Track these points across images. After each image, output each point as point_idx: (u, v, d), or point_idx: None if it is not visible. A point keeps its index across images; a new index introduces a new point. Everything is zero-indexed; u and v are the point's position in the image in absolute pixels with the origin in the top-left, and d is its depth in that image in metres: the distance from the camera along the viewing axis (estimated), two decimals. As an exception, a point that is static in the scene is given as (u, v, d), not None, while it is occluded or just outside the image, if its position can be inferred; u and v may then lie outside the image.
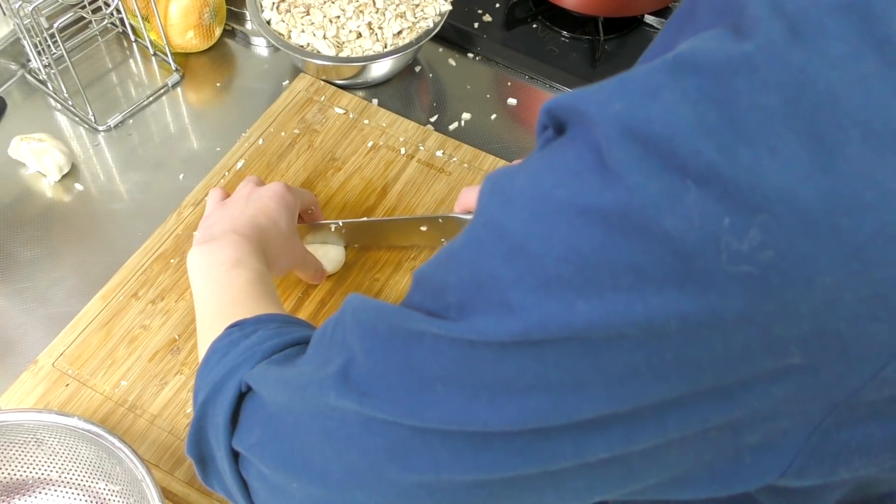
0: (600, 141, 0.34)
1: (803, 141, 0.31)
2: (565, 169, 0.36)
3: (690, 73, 0.33)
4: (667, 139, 0.32)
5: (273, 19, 0.95)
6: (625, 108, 0.34)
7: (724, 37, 0.33)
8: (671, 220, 0.32)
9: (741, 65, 0.32)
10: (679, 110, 0.32)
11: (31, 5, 0.87)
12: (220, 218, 0.70)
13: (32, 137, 0.89)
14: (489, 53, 1.02)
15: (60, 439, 0.66)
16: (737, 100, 0.32)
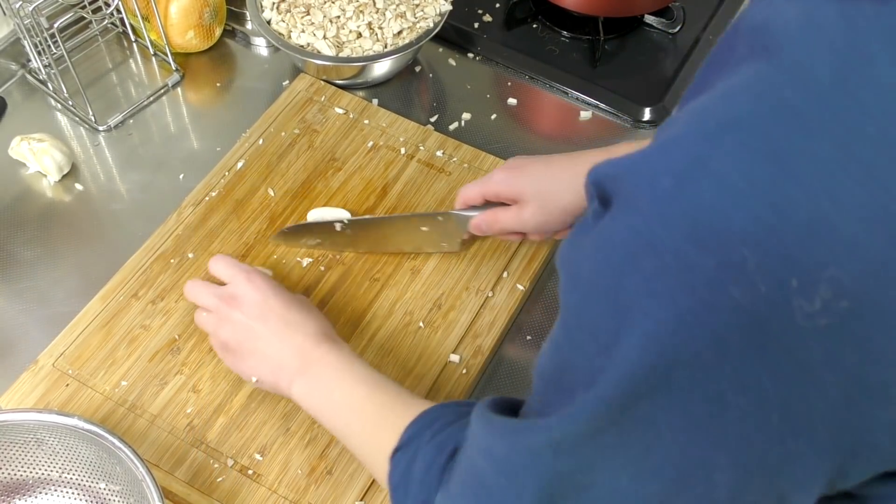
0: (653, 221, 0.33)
1: (863, 184, 0.30)
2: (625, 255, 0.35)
3: (735, 133, 0.32)
4: (719, 211, 0.32)
5: (273, 19, 0.95)
6: (674, 185, 0.33)
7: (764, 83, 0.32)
8: (737, 290, 0.32)
9: (786, 115, 0.31)
10: (728, 178, 0.31)
11: (32, 5, 0.87)
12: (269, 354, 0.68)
13: (32, 137, 0.89)
14: (489, 53, 1.02)
15: (60, 439, 0.66)
16: (787, 150, 0.31)
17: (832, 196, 0.30)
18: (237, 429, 0.73)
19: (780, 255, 0.31)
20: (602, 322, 0.37)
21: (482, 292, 0.80)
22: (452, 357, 0.77)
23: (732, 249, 0.32)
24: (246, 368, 0.69)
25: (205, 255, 0.82)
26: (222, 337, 0.70)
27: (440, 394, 0.75)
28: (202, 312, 0.72)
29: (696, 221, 0.32)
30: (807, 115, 0.31)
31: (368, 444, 0.61)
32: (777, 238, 0.31)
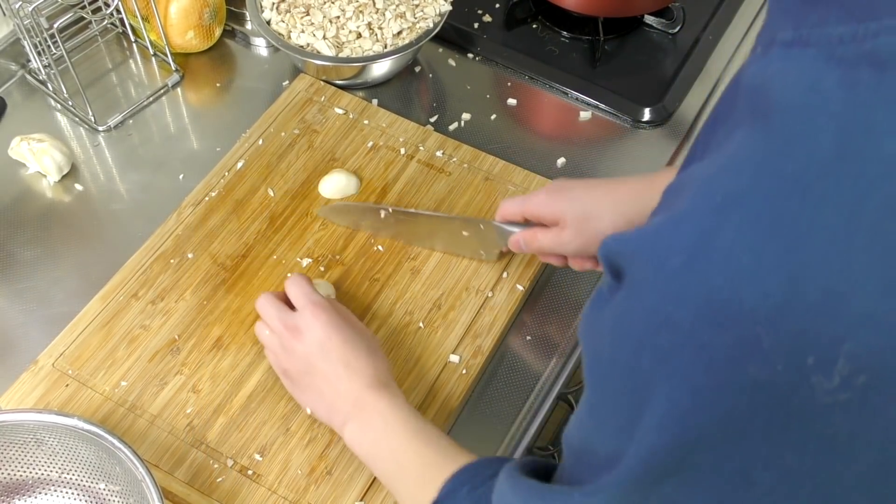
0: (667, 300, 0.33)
1: (873, 256, 0.30)
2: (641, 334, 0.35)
3: (742, 207, 0.32)
4: (730, 289, 0.31)
5: (273, 19, 0.95)
6: (684, 263, 0.33)
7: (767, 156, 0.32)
8: (754, 368, 0.32)
9: (790, 189, 0.31)
10: (736, 255, 0.31)
11: (31, 5, 0.87)
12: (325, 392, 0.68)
13: (32, 138, 0.89)
14: (489, 54, 1.02)
15: (60, 439, 0.66)
16: (793, 225, 0.31)
17: (842, 269, 0.30)
18: (237, 429, 0.73)
19: (794, 333, 0.31)
20: (621, 401, 0.37)
21: (482, 292, 0.80)
22: (452, 357, 0.77)
23: (746, 327, 0.31)
24: (303, 399, 0.71)
25: (205, 256, 0.82)
26: (284, 364, 0.71)
27: (440, 394, 0.75)
28: (265, 329, 0.72)
29: (708, 300, 0.32)
30: (811, 187, 0.31)
31: (412, 497, 0.63)
32: (789, 315, 0.31)
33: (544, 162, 0.92)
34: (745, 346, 0.31)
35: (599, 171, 0.92)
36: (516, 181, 0.88)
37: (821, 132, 0.31)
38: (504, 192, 0.87)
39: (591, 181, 0.74)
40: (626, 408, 0.37)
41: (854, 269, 0.30)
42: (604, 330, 0.38)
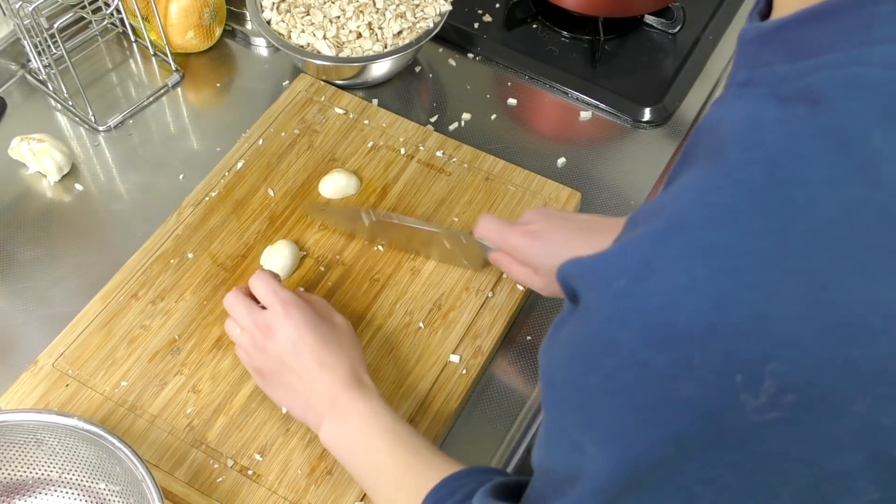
0: (611, 321, 0.35)
1: (798, 279, 0.31)
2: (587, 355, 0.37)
3: (679, 235, 0.34)
4: (664, 310, 0.33)
5: (273, 19, 0.95)
6: (625, 286, 0.35)
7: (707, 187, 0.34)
8: (687, 387, 0.33)
9: (723, 216, 0.33)
10: (672, 278, 0.33)
11: (32, 5, 0.87)
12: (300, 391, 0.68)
13: (32, 138, 0.89)
14: (489, 53, 1.02)
15: (60, 439, 0.66)
16: (725, 250, 0.32)
17: (769, 292, 0.31)
18: (237, 429, 0.73)
19: (723, 352, 0.32)
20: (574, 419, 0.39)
21: (482, 292, 0.80)
22: (452, 357, 0.77)
23: (680, 347, 0.33)
24: (277, 397, 0.70)
25: (205, 256, 0.82)
26: (256, 363, 0.70)
27: (440, 394, 0.75)
28: (236, 328, 0.71)
29: (646, 321, 0.34)
30: (742, 214, 0.32)
31: (388, 500, 0.63)
32: (719, 335, 0.32)
33: (544, 162, 0.92)
34: (679, 366, 0.33)
35: (599, 171, 0.92)
36: (516, 181, 0.88)
37: (754, 163, 0.33)
38: (504, 192, 0.87)
39: (573, 222, 0.73)
40: (577, 427, 0.39)
41: (779, 292, 0.31)
42: (558, 351, 0.40)
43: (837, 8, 0.35)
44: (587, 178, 0.91)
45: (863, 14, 0.34)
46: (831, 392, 0.32)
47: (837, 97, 0.32)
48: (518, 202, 0.86)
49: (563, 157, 0.93)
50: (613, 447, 0.36)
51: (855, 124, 0.32)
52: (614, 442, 0.36)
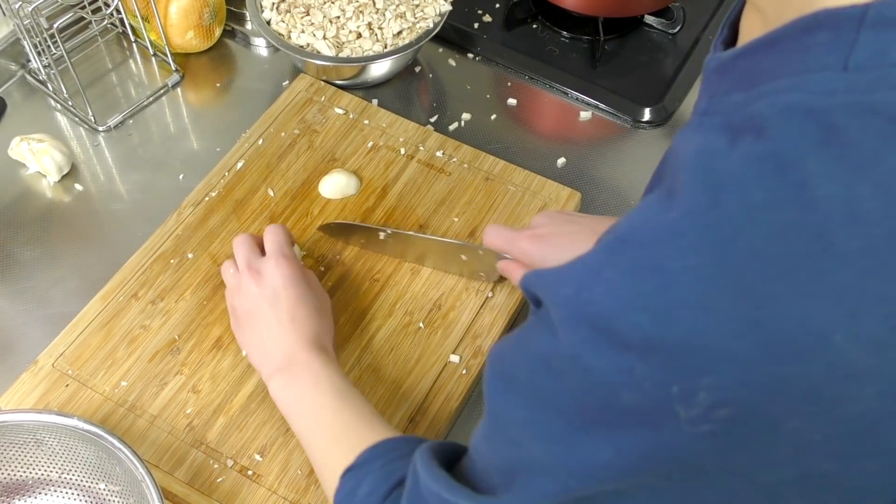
0: (557, 325, 0.37)
1: (734, 296, 0.32)
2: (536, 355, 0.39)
3: (626, 248, 0.35)
4: (608, 318, 0.34)
5: (273, 20, 0.95)
6: (573, 292, 0.36)
7: (657, 207, 0.36)
8: (627, 394, 0.34)
9: (668, 233, 0.34)
10: (616, 287, 0.35)
11: (31, 6, 0.87)
12: (265, 339, 0.70)
13: (32, 138, 0.89)
14: (489, 54, 1.02)
15: (60, 440, 0.66)
16: (668, 266, 0.34)
17: (706, 308, 0.33)
18: (237, 429, 0.73)
19: (661, 363, 0.33)
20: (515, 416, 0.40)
21: (482, 292, 0.80)
22: (452, 357, 0.77)
23: (622, 356, 0.34)
24: (241, 340, 0.74)
25: (204, 256, 0.82)
26: (234, 302, 0.74)
27: (440, 394, 0.75)
28: (230, 267, 0.76)
29: (592, 327, 0.35)
30: (686, 233, 0.34)
31: (325, 457, 0.64)
32: (658, 347, 0.33)
33: (544, 162, 0.92)
34: (620, 373, 0.34)
35: (599, 171, 0.92)
36: (516, 181, 0.88)
37: (700, 185, 0.34)
38: (504, 192, 0.87)
39: (581, 224, 0.73)
40: (520, 424, 0.40)
41: (715, 309, 0.32)
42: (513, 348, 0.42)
43: (781, 38, 0.36)
44: (587, 178, 0.91)
45: (801, 43, 0.35)
46: (764, 408, 0.33)
47: (776, 124, 0.34)
48: (518, 202, 0.86)
49: (563, 157, 0.93)
50: (557, 450, 0.38)
51: (791, 150, 0.33)
52: (558, 446, 0.38)
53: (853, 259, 0.32)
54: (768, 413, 0.33)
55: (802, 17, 0.36)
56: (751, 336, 0.32)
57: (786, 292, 0.32)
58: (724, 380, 0.32)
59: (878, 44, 0.33)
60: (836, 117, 0.33)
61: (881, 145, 0.32)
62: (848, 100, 0.33)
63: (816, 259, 0.32)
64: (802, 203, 0.32)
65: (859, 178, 0.32)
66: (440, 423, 0.73)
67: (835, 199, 0.32)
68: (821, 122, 0.33)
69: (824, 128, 0.33)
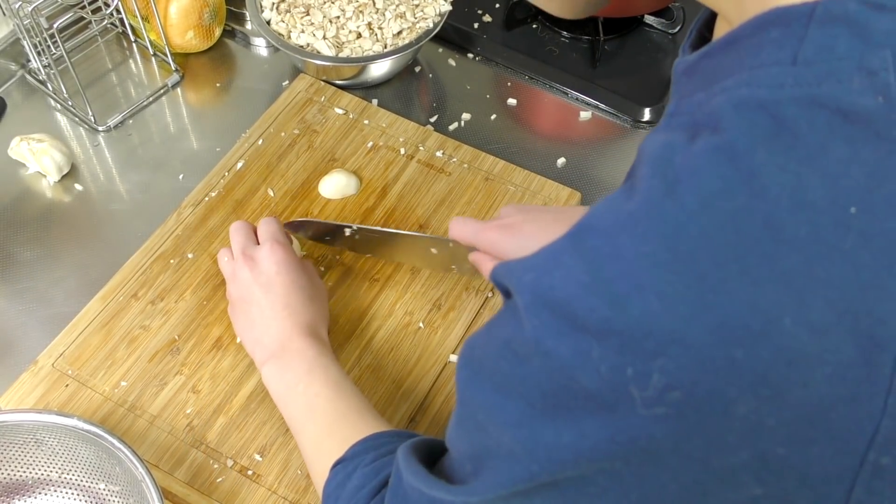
0: (521, 311, 0.38)
1: (686, 281, 0.33)
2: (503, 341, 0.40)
3: (587, 236, 0.37)
4: (567, 302, 0.35)
5: (273, 20, 0.95)
6: (534, 278, 0.37)
7: (619, 198, 0.37)
8: (585, 377, 0.35)
9: (626, 222, 0.35)
10: (575, 273, 0.36)
11: (31, 5, 0.87)
12: (258, 325, 0.71)
13: (32, 138, 0.89)
14: (489, 54, 1.02)
15: (60, 440, 0.66)
16: (625, 252, 0.35)
17: (659, 292, 0.34)
18: (237, 429, 0.73)
19: (617, 347, 0.34)
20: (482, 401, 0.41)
21: (482, 292, 0.80)
22: (452, 357, 0.77)
23: (580, 339, 0.35)
24: (236, 326, 0.74)
25: (204, 256, 0.82)
26: (230, 288, 0.75)
27: (440, 394, 0.75)
28: (225, 255, 0.76)
29: (552, 311, 0.36)
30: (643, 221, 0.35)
31: (316, 447, 0.64)
32: (613, 329, 0.34)
33: (544, 162, 0.92)
34: (579, 356, 0.35)
35: (599, 172, 0.92)
36: (516, 181, 0.88)
37: (658, 177, 0.35)
38: (504, 192, 0.87)
39: (547, 214, 0.72)
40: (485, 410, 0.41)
41: (668, 293, 0.33)
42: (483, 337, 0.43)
43: (739, 37, 0.38)
44: (587, 178, 0.91)
45: (755, 41, 0.37)
46: (716, 391, 0.33)
47: (729, 117, 0.35)
48: (518, 202, 0.86)
49: (563, 157, 0.93)
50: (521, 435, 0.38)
51: (743, 141, 0.34)
52: (522, 430, 0.38)
53: (801, 245, 0.33)
54: (720, 396, 0.33)
55: (757, 16, 0.37)
56: (702, 319, 0.33)
57: (736, 277, 0.33)
58: (676, 362, 0.33)
59: (825, 39, 0.35)
60: (786, 109, 0.34)
61: (828, 137, 0.33)
62: (796, 92, 0.34)
63: (765, 245, 0.33)
64: (753, 191, 0.33)
65: (807, 168, 0.33)
66: (440, 423, 0.73)
67: (784, 188, 0.33)
68: (771, 114, 0.34)
69: (774, 120, 0.34)
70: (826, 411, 0.33)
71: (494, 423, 0.40)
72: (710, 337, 0.33)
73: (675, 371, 0.33)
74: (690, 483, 0.36)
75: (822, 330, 0.33)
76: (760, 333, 0.33)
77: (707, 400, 0.33)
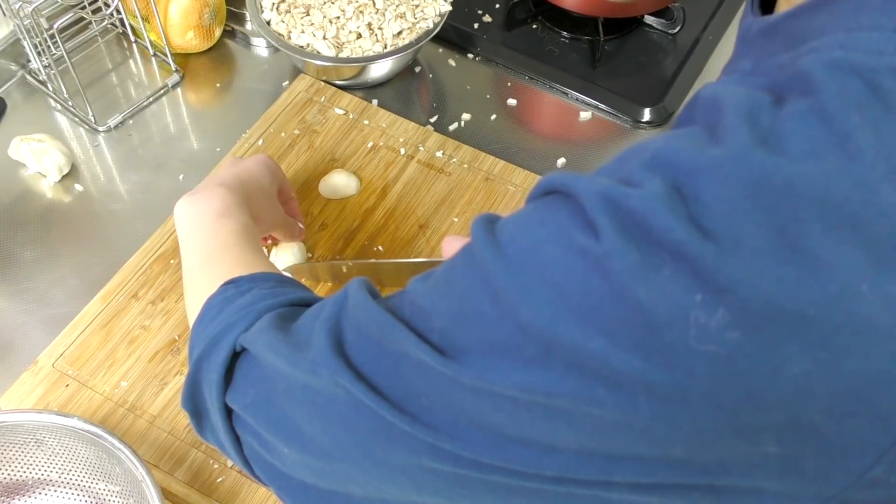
0: (587, 207, 0.36)
1: (765, 234, 0.32)
2: (555, 226, 0.37)
3: (665, 169, 0.35)
4: (643, 214, 0.34)
5: (273, 20, 0.95)
6: (608, 185, 0.35)
7: (699, 138, 0.35)
8: (644, 290, 0.33)
9: (708, 165, 0.34)
10: (654, 193, 0.34)
11: (32, 6, 0.87)
12: (205, 183, 0.71)
13: (32, 138, 0.89)
14: (489, 54, 1.02)
15: (60, 440, 0.66)
16: (703, 195, 0.33)
17: (737, 240, 0.32)
18: (237, 429, 0.73)
19: (690, 270, 0.33)
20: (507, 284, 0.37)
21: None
22: (452, 357, 0.76)
23: (653, 250, 0.33)
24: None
25: (205, 256, 0.82)
26: None
27: (440, 394, 0.75)
28: None
29: (626, 216, 0.34)
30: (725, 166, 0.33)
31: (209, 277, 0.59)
32: (689, 254, 0.33)
33: (544, 162, 0.92)
34: (647, 267, 0.33)
35: (599, 172, 0.92)
36: (516, 181, 0.88)
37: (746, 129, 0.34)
38: (504, 192, 0.87)
39: None
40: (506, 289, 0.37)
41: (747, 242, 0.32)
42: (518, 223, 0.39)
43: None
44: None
45: (854, 2, 0.35)
46: (775, 343, 0.32)
47: (820, 79, 0.33)
48: (518, 202, 0.86)
49: (563, 158, 0.93)
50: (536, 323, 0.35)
51: (836, 104, 0.32)
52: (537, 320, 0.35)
53: (891, 212, 0.31)
54: (778, 350, 0.32)
55: None
56: (777, 272, 0.32)
57: (818, 235, 0.32)
58: (745, 304, 0.32)
59: None
60: (882, 79, 0.32)
61: None
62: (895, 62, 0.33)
63: (854, 206, 0.32)
64: (846, 153, 0.32)
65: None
66: (440, 424, 0.73)
67: (879, 152, 0.32)
68: (865, 80, 0.33)
69: (869, 87, 0.32)
70: (876, 387, 0.32)
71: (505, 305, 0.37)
72: (784, 290, 0.32)
73: (742, 312, 0.32)
74: (707, 429, 0.34)
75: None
76: (836, 294, 0.31)
77: (763, 350, 0.32)
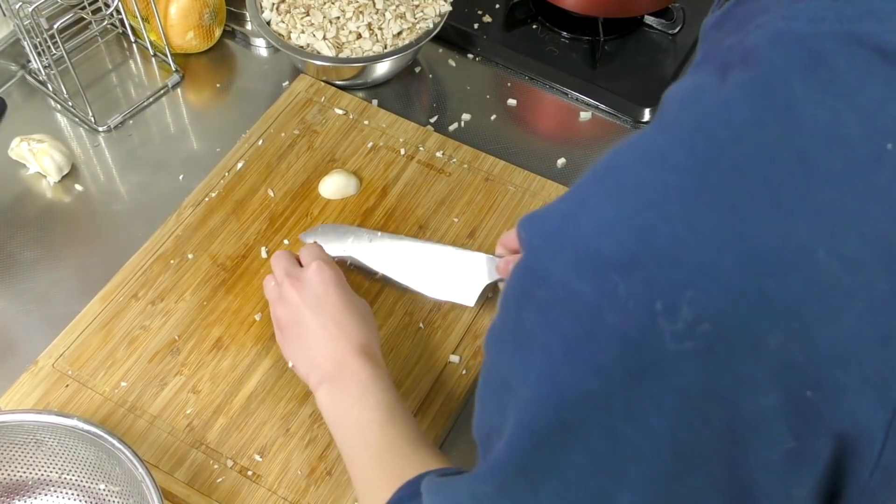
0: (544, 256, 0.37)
1: (717, 212, 0.33)
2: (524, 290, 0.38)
3: (612, 175, 0.36)
4: (593, 240, 0.35)
5: (273, 20, 0.95)
6: (560, 222, 0.37)
7: (645, 136, 0.36)
8: (611, 316, 0.34)
9: (653, 156, 0.35)
10: (601, 211, 0.35)
11: (32, 6, 0.87)
12: (310, 347, 0.69)
13: (32, 138, 0.89)
14: (489, 54, 1.02)
15: (60, 440, 0.66)
16: (651, 184, 0.34)
17: (689, 223, 0.33)
18: (237, 429, 0.73)
19: (645, 280, 0.33)
20: (508, 359, 0.40)
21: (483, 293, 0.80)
22: (452, 357, 0.77)
23: (605, 276, 0.34)
24: (287, 350, 0.71)
25: (204, 256, 0.82)
26: (277, 313, 0.72)
27: (440, 394, 0.75)
28: (271, 281, 0.74)
29: (576, 252, 0.35)
30: (671, 154, 0.35)
31: (365, 477, 0.62)
32: (641, 263, 0.33)
33: (544, 162, 0.92)
34: (605, 295, 0.34)
35: (599, 172, 0.92)
36: (516, 182, 0.88)
37: (688, 113, 0.35)
38: (504, 192, 0.87)
39: None
40: (510, 368, 0.40)
41: (698, 224, 0.33)
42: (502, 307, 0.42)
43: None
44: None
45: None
46: (746, 323, 0.33)
47: (764, 51, 0.34)
48: (518, 203, 0.86)
49: (563, 158, 0.93)
50: (542, 385, 0.37)
51: (778, 74, 0.34)
52: (544, 379, 0.37)
53: (835, 179, 0.32)
54: (750, 329, 0.33)
55: None
56: (733, 249, 0.32)
57: (768, 208, 0.32)
58: (706, 293, 0.33)
59: None
60: (823, 44, 0.34)
61: (865, 75, 0.33)
62: (835, 28, 0.34)
63: (799, 178, 0.33)
64: (787, 123, 0.33)
65: (843, 103, 0.33)
66: (440, 423, 0.73)
67: (819, 122, 0.33)
68: (808, 48, 0.34)
69: (811, 54, 0.34)
70: (857, 353, 0.33)
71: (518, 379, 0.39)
72: (741, 267, 0.32)
73: (705, 302, 0.33)
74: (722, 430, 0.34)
75: (856, 264, 0.32)
76: (793, 264, 0.32)
77: (737, 332, 0.33)
